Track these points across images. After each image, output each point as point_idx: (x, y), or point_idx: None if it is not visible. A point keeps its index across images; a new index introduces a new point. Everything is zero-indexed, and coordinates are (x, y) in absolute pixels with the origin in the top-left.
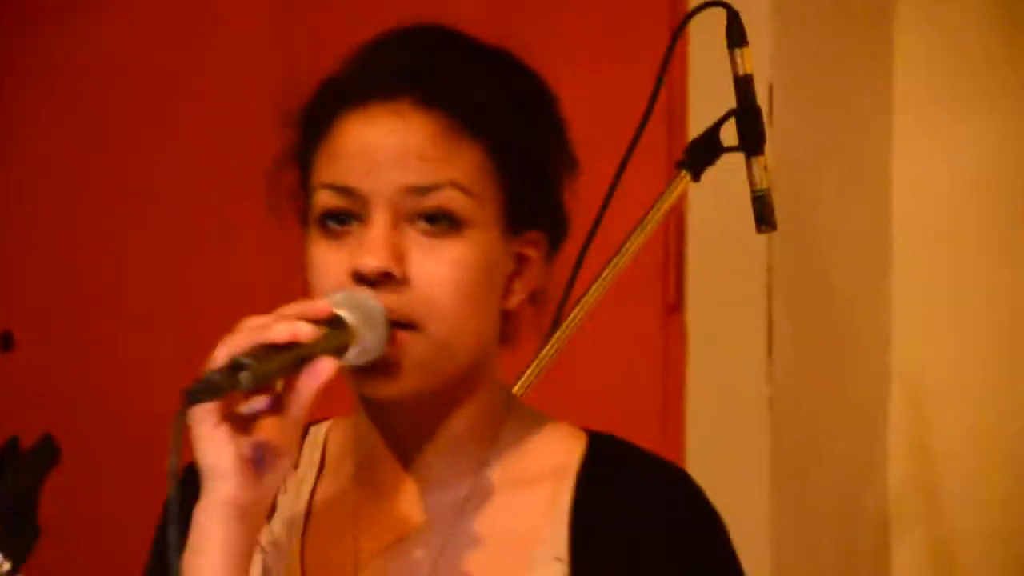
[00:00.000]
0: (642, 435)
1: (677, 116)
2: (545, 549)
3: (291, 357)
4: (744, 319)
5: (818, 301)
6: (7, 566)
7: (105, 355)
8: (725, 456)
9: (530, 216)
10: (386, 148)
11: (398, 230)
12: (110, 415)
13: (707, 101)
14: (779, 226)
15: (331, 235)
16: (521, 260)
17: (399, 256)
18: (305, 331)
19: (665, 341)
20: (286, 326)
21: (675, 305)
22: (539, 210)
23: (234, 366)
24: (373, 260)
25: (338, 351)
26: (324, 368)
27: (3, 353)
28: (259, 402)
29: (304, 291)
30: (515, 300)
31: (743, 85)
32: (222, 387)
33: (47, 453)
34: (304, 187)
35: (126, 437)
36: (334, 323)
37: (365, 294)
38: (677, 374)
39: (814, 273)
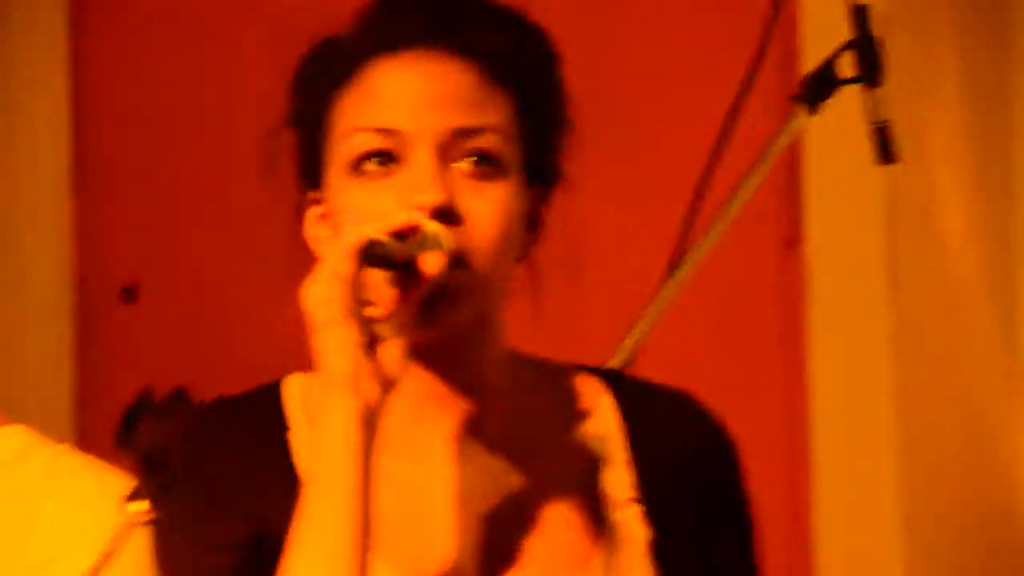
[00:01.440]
0: (764, 370)
1: (791, 50)
2: (615, 491)
3: (414, 243)
4: (864, 253)
5: (939, 234)
6: (144, 517)
7: (229, 307)
8: (849, 388)
9: (544, 172)
10: (428, 91)
11: (446, 169)
12: (232, 367)
13: (822, 34)
14: (894, 158)
15: (368, 177)
16: (534, 214)
17: (449, 194)
18: (425, 220)
19: (784, 276)
20: (406, 213)
21: (793, 240)
22: (552, 166)
23: (374, 244)
24: (433, 195)
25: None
26: (435, 260)
27: (128, 305)
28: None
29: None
30: (524, 253)
31: (859, 15)
32: (393, 254)
33: (182, 406)
34: (314, 142)
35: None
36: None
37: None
38: (797, 309)
39: (934, 204)
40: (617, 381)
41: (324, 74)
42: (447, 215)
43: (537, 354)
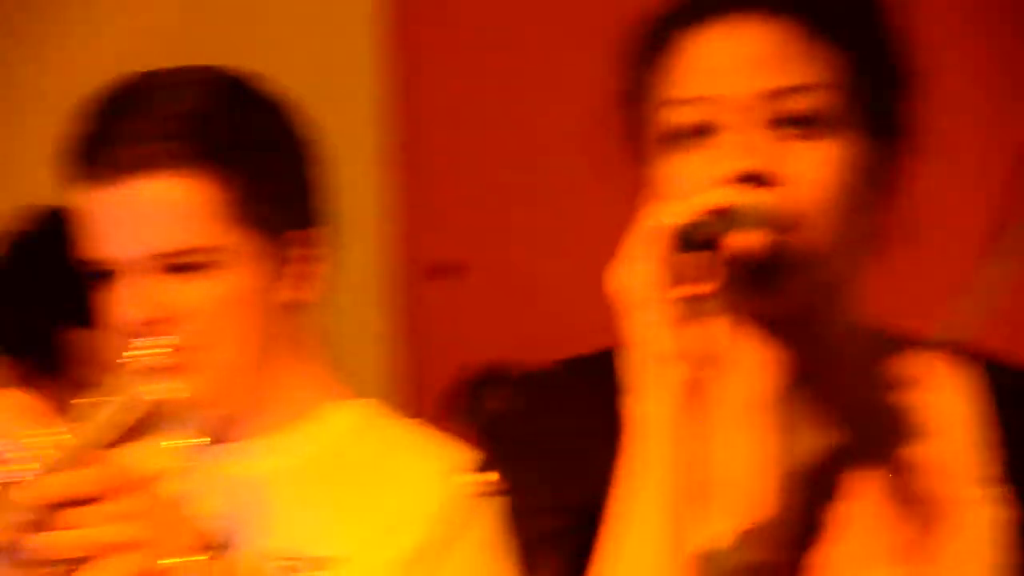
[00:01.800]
0: None
1: None
2: (967, 471)
3: (728, 221)
4: None
5: None
6: (491, 487)
7: (553, 284)
8: None
9: (887, 126)
10: (737, 55)
11: (763, 133)
12: (557, 344)
13: None
14: None
15: (685, 147)
16: (883, 169)
17: (769, 158)
18: (738, 196)
19: None
20: (718, 193)
21: None
22: (900, 118)
23: (686, 226)
24: (744, 162)
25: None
26: (749, 238)
27: (457, 281)
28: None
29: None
30: (873, 214)
31: None
32: (706, 235)
33: (517, 376)
34: (636, 118)
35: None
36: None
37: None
38: None
39: None
40: (975, 359)
41: (642, 51)
42: (762, 181)
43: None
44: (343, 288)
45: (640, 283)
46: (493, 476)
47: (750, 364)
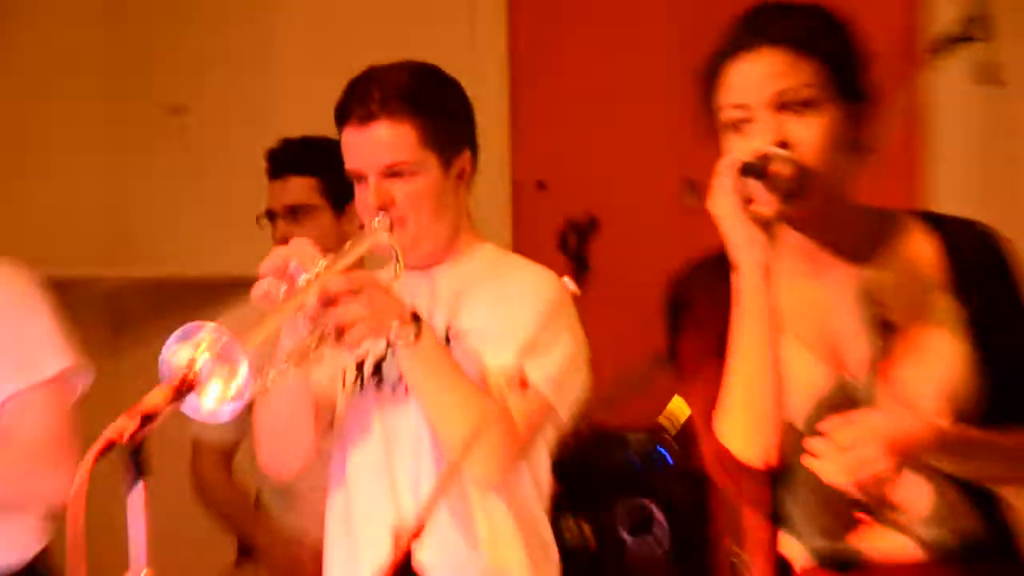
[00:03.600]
0: None
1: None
2: (942, 300)
3: (767, 159)
4: None
5: None
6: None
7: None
8: None
9: (855, 97)
10: (759, 74)
11: (776, 117)
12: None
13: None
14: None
15: (737, 131)
16: (854, 124)
17: (780, 134)
18: (772, 148)
19: None
20: (761, 145)
21: None
22: (861, 93)
23: (744, 163)
24: (768, 137)
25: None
26: (783, 166)
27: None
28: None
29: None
30: (857, 155)
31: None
32: (757, 167)
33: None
34: (710, 113)
35: None
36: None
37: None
38: None
39: None
40: (935, 219)
41: (706, 74)
42: (783, 145)
43: (879, 205)
44: (478, 186)
45: (729, 203)
46: (574, 284)
47: (797, 246)
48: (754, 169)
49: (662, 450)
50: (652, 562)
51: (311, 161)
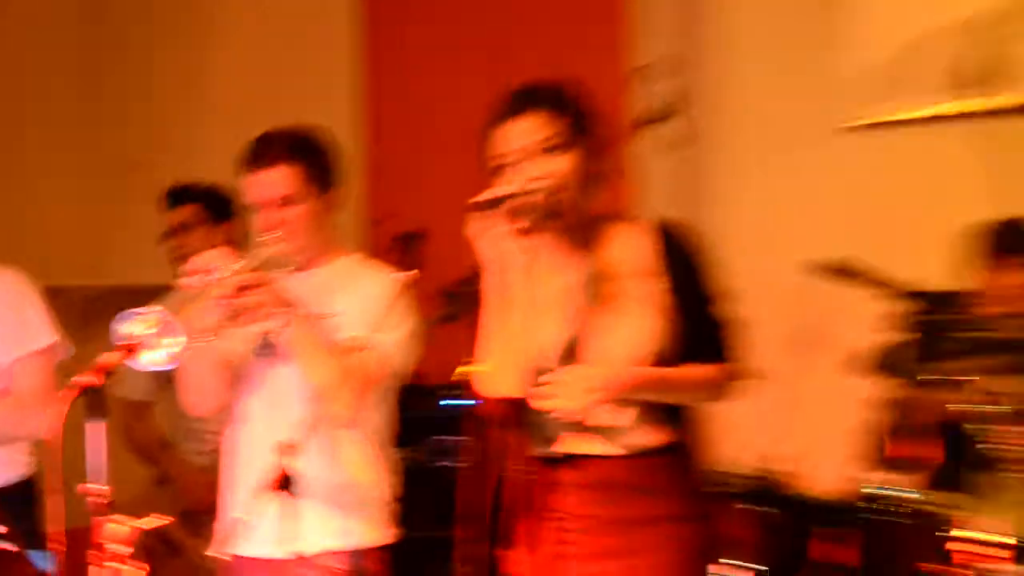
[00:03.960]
0: None
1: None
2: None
3: (513, 195)
4: None
5: None
6: (410, 279)
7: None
8: None
9: (592, 143)
10: (515, 131)
11: (530, 161)
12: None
13: None
14: None
15: (498, 173)
16: (592, 161)
17: (530, 174)
18: (523, 185)
19: None
20: (510, 184)
21: None
22: (596, 140)
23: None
24: (523, 176)
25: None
26: (536, 199)
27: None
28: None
29: None
30: (594, 187)
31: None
32: (505, 196)
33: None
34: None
35: None
36: None
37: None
38: None
39: None
40: (654, 221)
41: (485, 132)
42: (542, 179)
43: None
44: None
45: (475, 230)
46: (413, 276)
47: (551, 250)
48: (488, 204)
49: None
50: (451, 479)
51: (193, 194)
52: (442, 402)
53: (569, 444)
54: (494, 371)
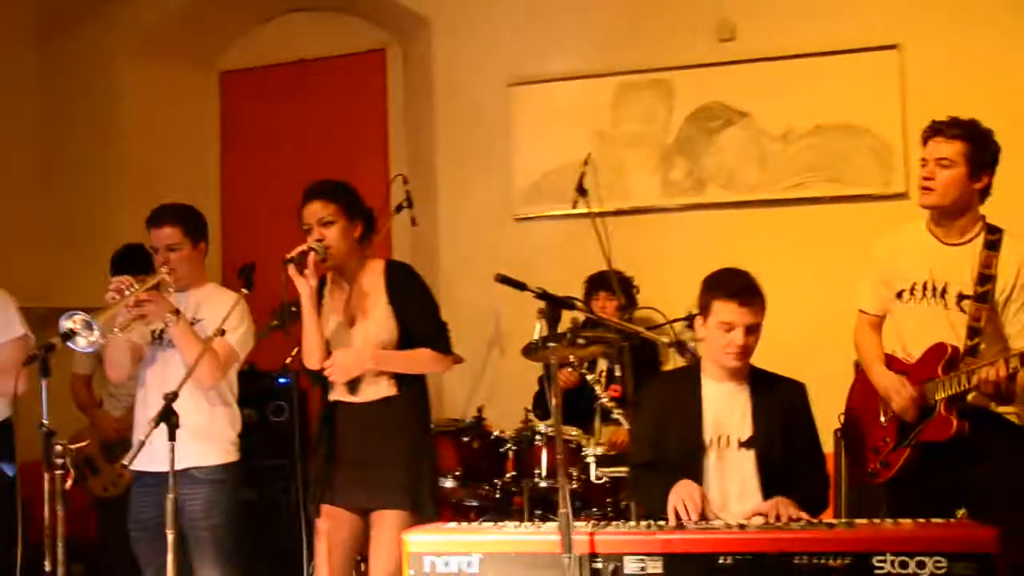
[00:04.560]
0: None
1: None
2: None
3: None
4: None
5: None
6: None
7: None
8: None
9: (361, 218)
10: (314, 209)
11: (322, 229)
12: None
13: None
14: None
15: (308, 235)
16: (361, 227)
17: (323, 236)
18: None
19: None
20: (305, 246)
21: None
22: (362, 218)
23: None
24: (313, 240)
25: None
26: (314, 256)
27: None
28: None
29: None
30: (360, 243)
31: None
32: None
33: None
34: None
35: None
36: None
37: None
38: None
39: None
40: (388, 261)
41: (301, 208)
42: (321, 240)
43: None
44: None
45: (288, 274)
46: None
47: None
48: (293, 260)
49: (287, 379)
50: (286, 433)
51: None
52: (279, 380)
53: (339, 393)
54: (306, 354)
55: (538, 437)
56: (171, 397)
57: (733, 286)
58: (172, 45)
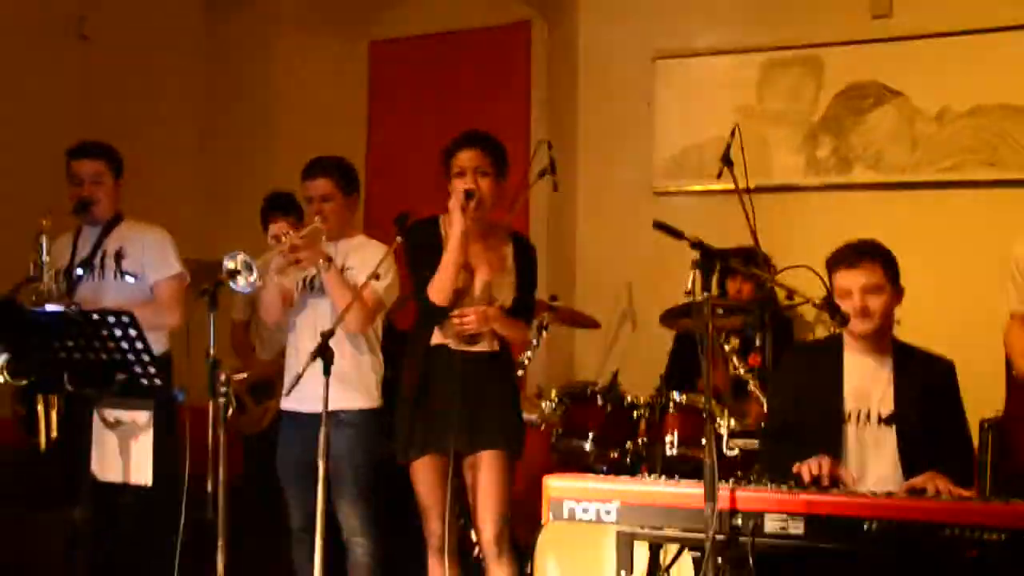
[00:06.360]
0: None
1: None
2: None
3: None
4: None
5: None
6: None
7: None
8: None
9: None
10: (471, 156)
11: (476, 175)
12: None
13: None
14: None
15: (458, 178)
16: (504, 182)
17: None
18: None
19: None
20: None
21: None
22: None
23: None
24: (468, 183)
25: None
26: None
27: None
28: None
29: None
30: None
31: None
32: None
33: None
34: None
35: None
36: None
37: None
38: None
39: None
40: (515, 234)
41: (448, 153)
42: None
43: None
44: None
45: (453, 206)
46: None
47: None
48: (471, 195)
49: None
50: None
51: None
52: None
53: (451, 339)
54: (438, 288)
55: (672, 405)
56: (328, 334)
57: (840, 254)
58: (326, 15)
